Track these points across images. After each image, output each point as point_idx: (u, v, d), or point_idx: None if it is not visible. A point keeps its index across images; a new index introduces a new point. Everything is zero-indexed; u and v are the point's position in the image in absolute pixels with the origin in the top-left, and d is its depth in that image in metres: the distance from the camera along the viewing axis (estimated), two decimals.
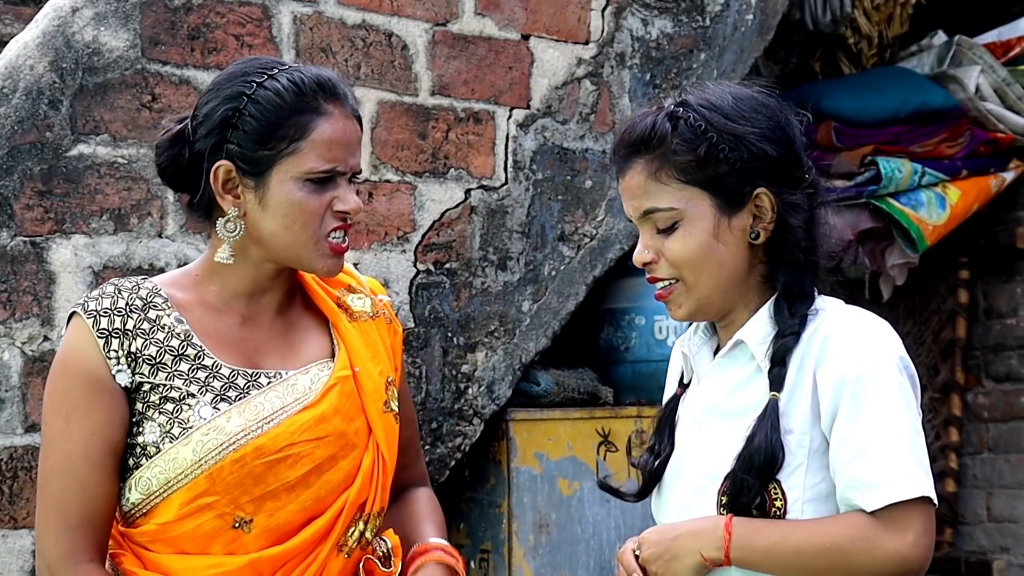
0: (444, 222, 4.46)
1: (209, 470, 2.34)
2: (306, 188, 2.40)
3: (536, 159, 4.65)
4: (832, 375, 2.26)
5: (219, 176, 2.42)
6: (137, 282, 2.45)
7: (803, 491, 2.27)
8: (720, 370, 2.41)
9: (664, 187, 2.34)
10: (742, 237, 2.34)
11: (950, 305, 6.38)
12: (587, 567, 4.68)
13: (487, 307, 4.54)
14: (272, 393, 2.41)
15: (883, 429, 2.22)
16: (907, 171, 5.64)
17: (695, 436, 2.40)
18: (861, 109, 5.60)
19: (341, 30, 4.33)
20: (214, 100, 2.43)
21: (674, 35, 4.92)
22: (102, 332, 2.38)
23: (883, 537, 2.20)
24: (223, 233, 2.44)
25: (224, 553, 2.37)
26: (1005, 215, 6.24)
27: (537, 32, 4.67)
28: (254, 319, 2.49)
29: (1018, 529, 6.24)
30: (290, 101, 2.40)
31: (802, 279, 2.34)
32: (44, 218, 3.85)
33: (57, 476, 2.39)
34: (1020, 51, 6.12)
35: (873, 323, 2.32)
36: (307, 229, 2.41)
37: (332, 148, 2.41)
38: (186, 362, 2.39)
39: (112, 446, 2.37)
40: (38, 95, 3.86)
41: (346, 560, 2.45)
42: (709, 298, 2.36)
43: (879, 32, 6.21)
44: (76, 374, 2.38)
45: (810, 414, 2.28)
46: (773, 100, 2.39)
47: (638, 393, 4.95)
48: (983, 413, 6.38)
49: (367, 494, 2.45)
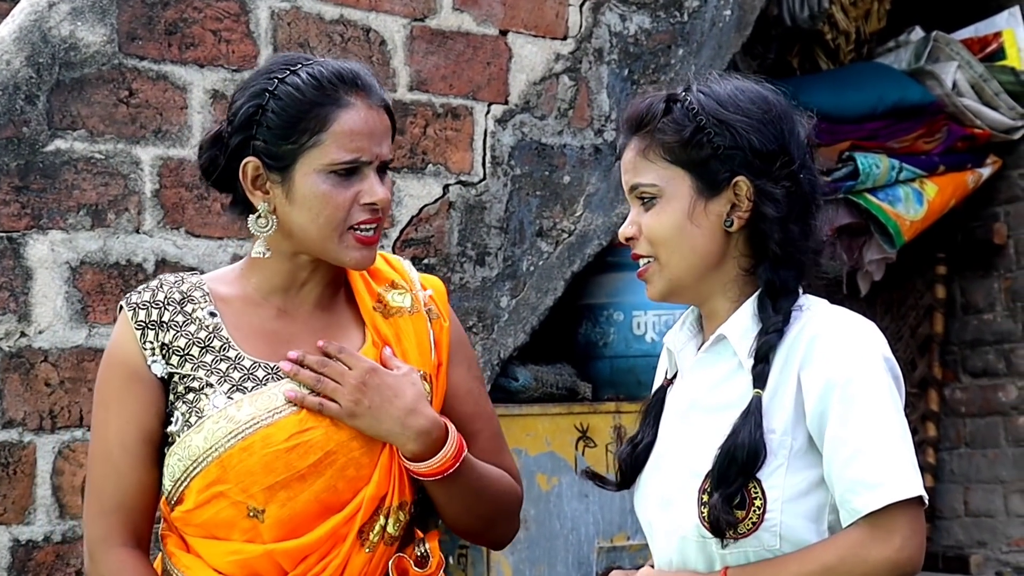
0: (422, 217, 4.45)
1: (220, 457, 2.38)
2: (330, 180, 2.41)
3: (514, 154, 4.65)
4: (819, 377, 2.26)
5: (248, 173, 2.45)
6: (183, 276, 2.52)
7: (782, 491, 2.27)
8: (703, 365, 2.42)
9: (650, 164, 2.37)
10: (717, 223, 2.35)
11: (927, 300, 6.40)
12: (565, 562, 4.68)
13: (465, 302, 4.54)
14: (289, 384, 2.42)
15: (876, 430, 2.22)
16: (884, 167, 5.66)
17: (678, 430, 2.40)
18: (838, 105, 5.60)
19: (319, 25, 4.32)
20: (241, 98, 2.48)
21: (652, 31, 4.92)
22: (139, 324, 2.45)
23: (871, 547, 2.21)
24: (255, 229, 2.48)
25: (244, 541, 2.40)
26: (982, 211, 6.26)
27: (515, 27, 4.67)
28: (291, 312, 2.51)
29: (995, 523, 6.27)
30: (310, 95, 2.42)
31: (784, 275, 2.35)
32: (21, 214, 3.84)
33: (97, 463, 2.47)
34: (997, 47, 6.14)
35: (860, 324, 2.32)
36: (332, 222, 2.42)
37: (354, 139, 2.42)
38: (211, 353, 2.44)
39: (147, 435, 2.44)
40: (14, 90, 3.85)
41: (369, 555, 2.45)
42: (681, 280, 2.38)
43: (856, 28, 6.23)
44: (116, 365, 2.47)
45: (793, 414, 2.28)
46: (777, 97, 2.42)
47: (616, 388, 4.95)
48: (960, 408, 6.40)
49: (386, 488, 2.45)
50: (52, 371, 3.84)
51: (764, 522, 2.26)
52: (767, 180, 2.34)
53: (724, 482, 2.26)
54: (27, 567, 3.80)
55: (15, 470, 3.80)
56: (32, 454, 3.82)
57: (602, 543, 4.73)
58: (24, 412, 3.81)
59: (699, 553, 2.33)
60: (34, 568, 3.80)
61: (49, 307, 3.86)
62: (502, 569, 4.55)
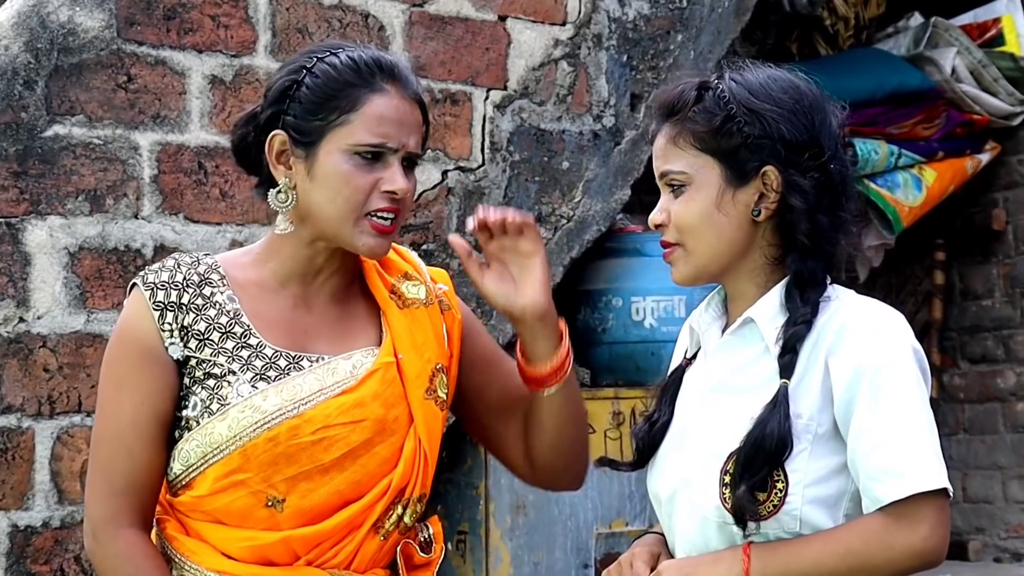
0: (421, 203, 4.45)
1: (243, 447, 2.36)
2: (352, 161, 2.41)
3: (513, 140, 4.65)
4: (848, 365, 2.26)
5: (274, 146, 2.44)
6: (198, 257, 2.49)
7: (804, 475, 2.27)
8: (728, 347, 2.42)
9: (680, 152, 2.38)
10: (744, 211, 2.36)
11: (926, 286, 6.40)
12: (564, 548, 4.68)
13: (464, 288, 4.53)
14: (312, 376, 2.42)
15: (903, 420, 2.23)
16: (883, 153, 5.66)
17: (700, 411, 2.41)
18: (837, 91, 5.49)
19: (318, 10, 4.32)
20: (279, 75, 2.48)
21: (651, 16, 4.92)
22: (158, 305, 2.42)
23: (896, 534, 2.21)
24: (275, 204, 2.46)
25: (259, 530, 2.39)
26: (981, 196, 6.26)
27: (514, 13, 4.66)
28: (308, 302, 2.50)
29: (993, 510, 6.27)
30: (346, 75, 2.42)
31: (812, 265, 2.35)
32: (19, 199, 3.84)
33: (106, 442, 2.43)
34: (996, 33, 6.14)
35: (890, 315, 2.33)
36: (349, 203, 2.41)
37: (383, 124, 2.41)
38: (232, 340, 2.42)
39: (160, 416, 2.42)
40: (13, 76, 3.85)
41: (382, 543, 2.45)
42: (706, 267, 2.38)
43: (856, 13, 6.23)
44: (131, 344, 2.43)
45: (820, 400, 2.28)
46: (809, 87, 2.43)
47: (615, 374, 4.95)
48: (959, 394, 6.41)
49: (408, 479, 2.46)
50: (51, 356, 3.84)
51: (785, 505, 2.27)
52: (796, 171, 2.34)
53: (750, 471, 2.26)
54: (26, 552, 3.80)
55: (14, 456, 3.80)
56: (31, 440, 3.82)
57: (601, 529, 4.73)
58: (23, 398, 3.81)
59: (719, 533, 2.33)
60: (33, 554, 3.81)
61: (48, 292, 3.86)
62: (501, 555, 4.56)
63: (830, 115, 2.43)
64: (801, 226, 2.34)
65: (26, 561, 3.80)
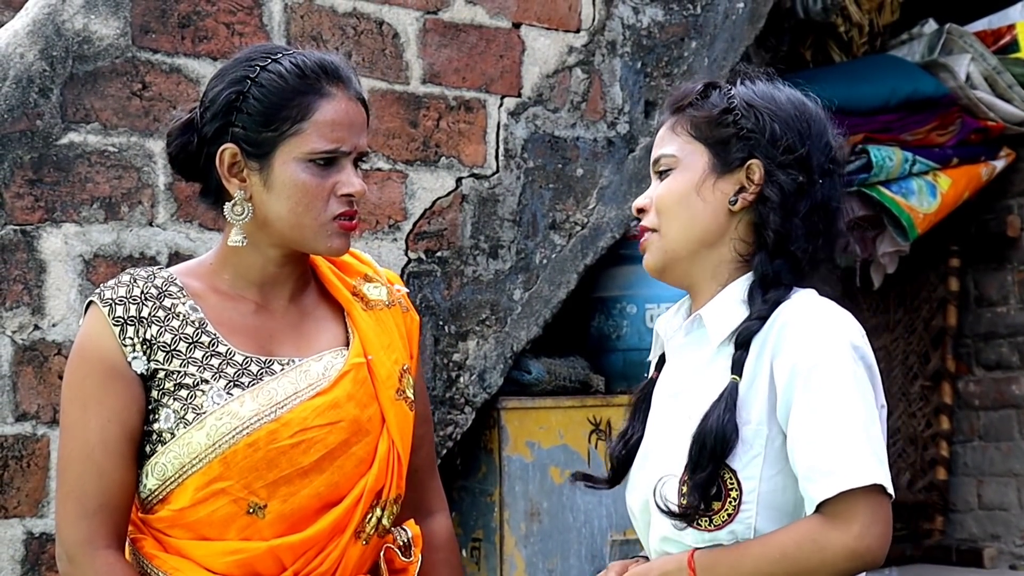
0: (435, 210, 4.45)
1: (223, 454, 2.36)
2: (309, 169, 2.41)
3: (527, 147, 4.65)
4: (786, 365, 2.25)
5: (225, 160, 2.44)
6: (153, 271, 2.48)
7: (759, 482, 2.25)
8: (686, 350, 2.42)
9: (675, 137, 2.43)
10: (722, 200, 2.37)
11: (941, 293, 6.39)
12: (579, 555, 4.68)
13: (478, 295, 4.54)
14: (285, 379, 2.42)
15: (836, 417, 2.19)
16: (898, 159, 5.65)
17: (663, 419, 2.41)
18: (851, 97, 5.59)
19: (332, 18, 4.32)
20: (219, 85, 2.47)
21: (665, 23, 4.92)
22: (118, 320, 2.40)
23: (829, 535, 2.18)
24: (231, 217, 2.45)
25: (240, 539, 2.38)
26: (996, 203, 6.25)
27: (528, 20, 4.67)
28: (267, 307, 2.50)
29: (1008, 517, 6.26)
30: (293, 83, 2.42)
31: (778, 266, 2.35)
32: (34, 207, 3.85)
33: (75, 463, 2.40)
34: (1010, 39, 6.13)
35: (830, 312, 2.30)
36: (311, 211, 2.42)
37: (335, 129, 2.42)
38: (200, 349, 2.41)
39: (129, 433, 2.40)
40: (28, 83, 3.86)
41: (364, 547, 2.46)
42: (676, 252, 2.40)
43: (870, 20, 6.21)
44: (93, 362, 2.42)
45: (767, 405, 2.27)
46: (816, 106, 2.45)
47: (629, 381, 4.94)
48: (974, 401, 6.39)
49: (384, 481, 2.47)
50: (65, 364, 3.84)
51: (740, 513, 2.26)
52: (780, 170, 2.35)
53: (696, 468, 2.25)
54: (40, 560, 3.80)
55: (28, 463, 3.80)
56: (45, 447, 3.82)
57: (615, 536, 4.73)
58: (38, 405, 3.82)
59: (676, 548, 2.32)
60: (47, 561, 3.81)
61: (63, 300, 3.86)
62: (515, 562, 4.55)
63: (827, 133, 2.44)
64: (772, 221, 2.35)
65: (41, 568, 3.80)
